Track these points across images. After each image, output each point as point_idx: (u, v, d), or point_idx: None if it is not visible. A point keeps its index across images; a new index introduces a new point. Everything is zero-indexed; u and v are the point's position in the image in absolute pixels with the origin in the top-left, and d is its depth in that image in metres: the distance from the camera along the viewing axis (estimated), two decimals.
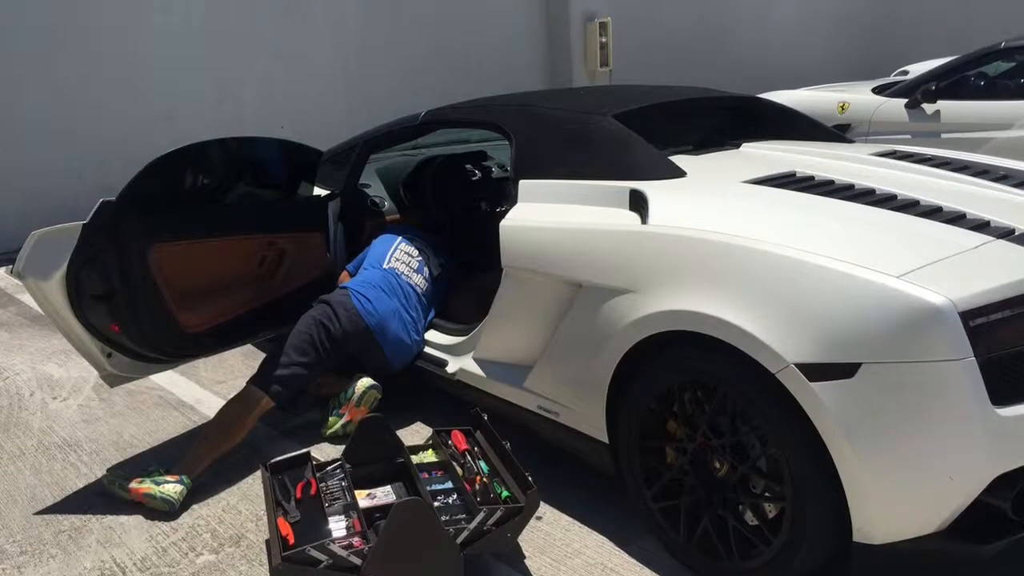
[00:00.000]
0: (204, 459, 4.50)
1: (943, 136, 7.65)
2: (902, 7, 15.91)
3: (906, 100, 7.97)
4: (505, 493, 3.76)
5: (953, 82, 7.90)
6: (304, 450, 4.29)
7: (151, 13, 9.73)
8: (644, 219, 3.77)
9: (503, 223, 4.26)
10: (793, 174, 4.10)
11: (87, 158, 8.82)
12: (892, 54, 13.79)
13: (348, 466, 4.04)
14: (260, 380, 4.64)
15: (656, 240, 3.62)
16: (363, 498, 3.87)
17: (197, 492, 4.39)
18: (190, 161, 4.78)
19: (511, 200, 4.42)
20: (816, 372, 3.03)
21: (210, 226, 4.85)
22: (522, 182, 4.44)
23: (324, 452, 4.67)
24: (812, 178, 4.03)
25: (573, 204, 4.16)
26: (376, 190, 6.24)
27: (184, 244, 4.68)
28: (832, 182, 3.98)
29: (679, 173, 4.12)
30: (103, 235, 4.32)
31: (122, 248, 4.40)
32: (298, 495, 3.88)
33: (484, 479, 3.87)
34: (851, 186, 3.92)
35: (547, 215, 4.18)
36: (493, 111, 5.06)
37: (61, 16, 9.26)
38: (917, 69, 10.77)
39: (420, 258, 5.22)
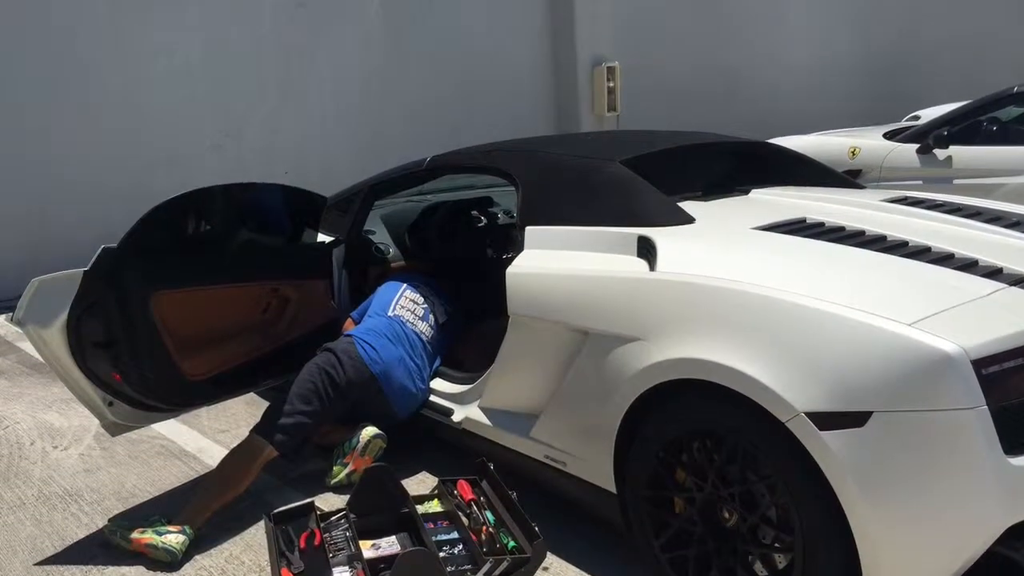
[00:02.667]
0: (207, 509, 4.44)
1: (955, 182, 7.52)
2: (915, 51, 15.84)
3: (918, 146, 7.88)
4: (511, 543, 3.71)
5: (965, 127, 7.81)
6: (308, 500, 4.24)
7: (152, 59, 9.72)
8: (652, 266, 3.73)
9: (509, 270, 4.22)
10: (803, 220, 4.07)
11: (89, 205, 8.81)
12: (905, 98, 13.71)
13: (353, 516, 3.99)
14: (263, 429, 4.59)
15: (664, 287, 3.59)
16: (368, 548, 3.83)
17: (200, 542, 4.32)
18: (192, 207, 4.75)
19: (517, 247, 4.39)
20: (827, 421, 2.99)
21: (213, 273, 4.82)
22: (528, 228, 4.41)
23: (328, 502, 4.59)
24: (822, 224, 4.00)
25: (580, 251, 4.13)
26: (381, 236, 6.21)
27: (186, 291, 4.65)
28: (842, 228, 3.95)
29: (687, 219, 4.09)
30: (104, 282, 4.28)
31: (123, 295, 4.37)
32: (302, 545, 3.84)
33: (490, 529, 3.82)
34: (861, 232, 3.89)
35: (554, 262, 4.14)
36: (499, 157, 5.04)
37: (61, 62, 9.25)
38: (929, 114, 10.71)
39: (425, 305, 5.18)
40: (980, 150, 7.63)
